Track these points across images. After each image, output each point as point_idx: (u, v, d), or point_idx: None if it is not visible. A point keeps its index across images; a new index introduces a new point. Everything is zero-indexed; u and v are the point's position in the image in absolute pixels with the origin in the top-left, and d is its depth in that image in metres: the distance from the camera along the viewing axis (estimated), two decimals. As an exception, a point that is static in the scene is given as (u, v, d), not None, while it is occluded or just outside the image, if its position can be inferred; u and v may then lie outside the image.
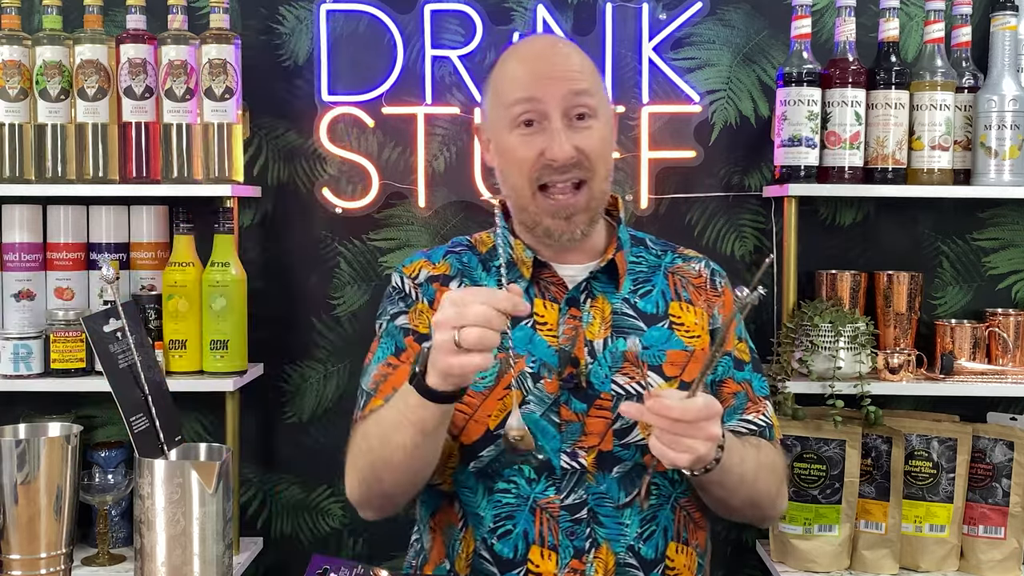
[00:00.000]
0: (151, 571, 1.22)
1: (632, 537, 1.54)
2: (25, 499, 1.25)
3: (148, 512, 1.21)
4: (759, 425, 1.62)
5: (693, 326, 1.61)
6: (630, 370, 1.56)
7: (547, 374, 1.54)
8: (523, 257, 1.60)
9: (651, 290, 1.63)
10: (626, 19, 2.51)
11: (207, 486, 1.21)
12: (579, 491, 1.53)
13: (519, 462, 1.53)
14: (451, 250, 1.69)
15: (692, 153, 2.51)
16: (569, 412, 1.53)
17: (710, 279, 1.68)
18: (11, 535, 1.26)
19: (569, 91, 1.52)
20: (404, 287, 1.66)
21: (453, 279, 1.64)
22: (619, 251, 1.62)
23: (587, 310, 1.59)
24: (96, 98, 2.35)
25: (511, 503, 1.54)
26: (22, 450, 1.25)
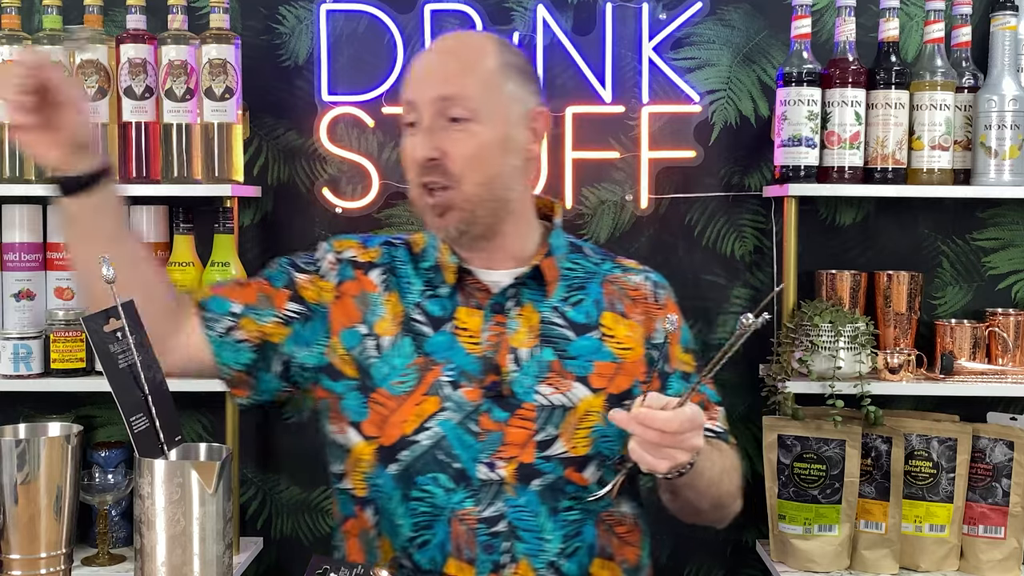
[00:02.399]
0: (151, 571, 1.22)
1: (554, 553, 1.50)
2: (25, 499, 1.25)
3: (148, 512, 1.21)
4: (716, 431, 1.60)
5: (625, 338, 1.57)
6: (555, 380, 1.52)
7: (466, 382, 1.51)
8: (448, 262, 1.57)
9: (583, 299, 1.59)
10: (626, 19, 2.51)
11: (207, 486, 1.21)
12: (497, 503, 1.49)
13: None
14: (389, 241, 1.66)
15: (692, 153, 2.51)
16: (489, 421, 1.50)
17: (652, 292, 1.64)
18: (11, 535, 1.26)
19: (439, 94, 1.49)
20: (322, 260, 1.63)
21: (377, 267, 1.61)
22: (548, 257, 1.58)
23: (513, 317, 1.55)
24: (96, 98, 2.35)
25: (428, 512, 1.50)
26: (22, 450, 1.25)
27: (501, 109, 1.53)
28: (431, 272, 1.59)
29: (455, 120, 1.49)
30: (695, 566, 2.61)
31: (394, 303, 1.58)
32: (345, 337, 1.57)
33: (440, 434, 1.49)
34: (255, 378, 1.59)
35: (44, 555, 1.27)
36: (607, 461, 1.53)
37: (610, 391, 1.54)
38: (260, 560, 2.57)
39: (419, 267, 1.61)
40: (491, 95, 1.52)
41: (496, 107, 1.52)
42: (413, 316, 1.56)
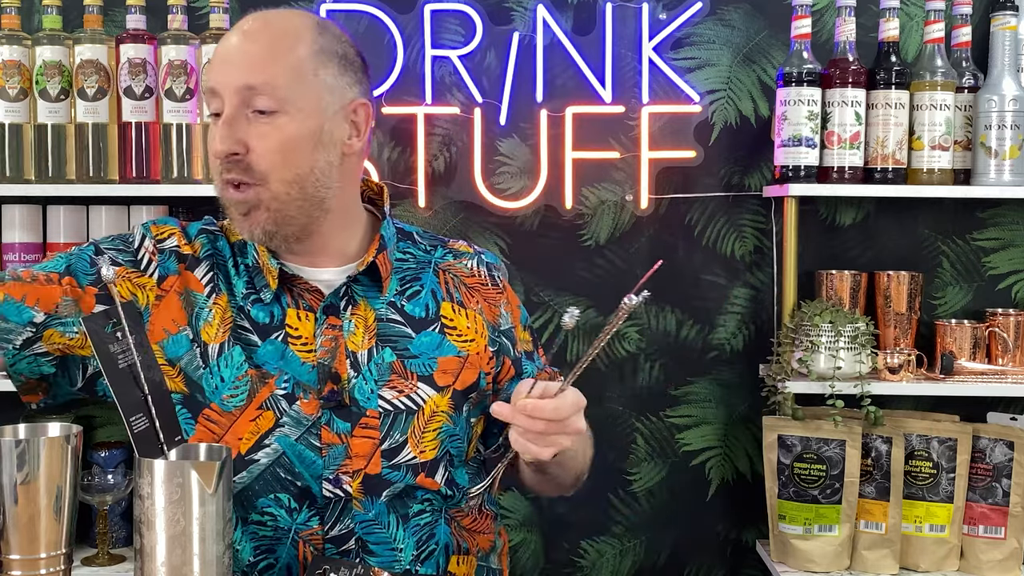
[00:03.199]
0: (151, 571, 1.22)
1: (408, 561, 1.43)
2: (25, 499, 1.25)
3: (148, 512, 1.21)
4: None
5: (466, 330, 1.48)
6: (398, 382, 1.43)
7: (302, 394, 1.40)
8: (268, 265, 1.43)
9: (420, 291, 1.49)
10: (626, 19, 2.51)
11: (207, 486, 1.21)
12: (345, 520, 1.40)
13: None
14: (206, 228, 1.51)
15: (692, 153, 2.51)
16: (331, 434, 1.40)
17: (488, 275, 1.55)
18: (11, 535, 1.26)
19: (242, 83, 1.36)
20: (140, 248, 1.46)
21: (202, 262, 1.46)
22: (382, 251, 1.47)
23: (348, 318, 1.43)
24: (96, 98, 2.35)
25: (269, 536, 1.41)
26: (22, 450, 1.25)
27: (313, 100, 1.39)
28: (253, 271, 1.45)
29: (261, 112, 1.36)
30: (695, 566, 2.61)
31: (222, 307, 1.44)
32: (169, 346, 1.43)
33: (279, 451, 1.39)
34: (51, 385, 1.46)
35: (44, 555, 1.27)
36: (455, 460, 1.47)
37: (456, 387, 1.46)
38: (260, 560, 2.56)
39: (240, 264, 1.47)
40: (301, 85, 1.38)
41: (307, 98, 1.38)
42: (240, 323, 1.43)
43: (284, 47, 1.38)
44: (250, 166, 1.37)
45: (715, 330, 2.57)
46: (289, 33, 1.40)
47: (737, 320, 2.58)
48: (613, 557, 2.60)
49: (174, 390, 1.42)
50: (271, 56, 1.37)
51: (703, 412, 2.59)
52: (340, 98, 1.42)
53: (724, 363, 2.58)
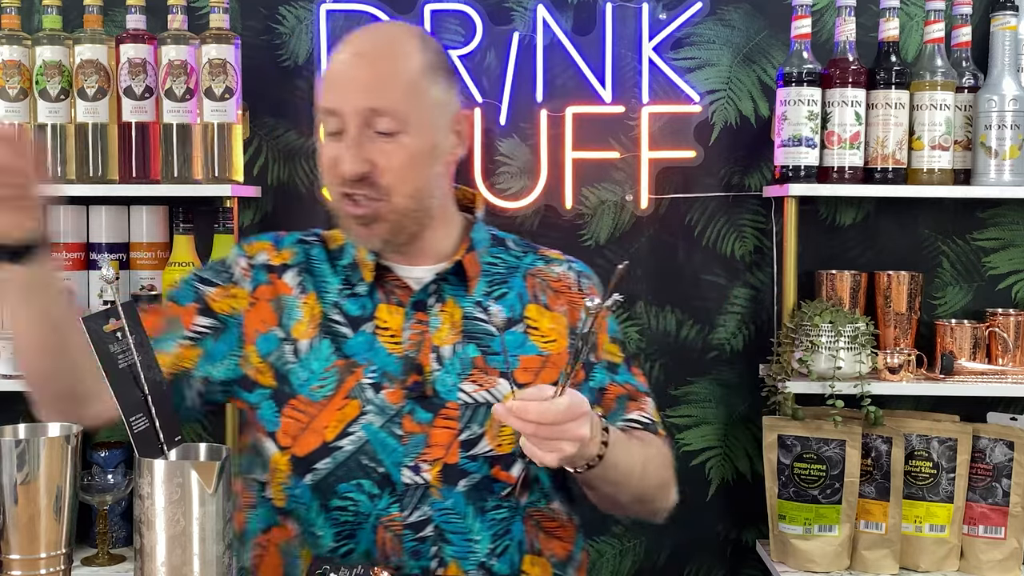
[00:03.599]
0: (151, 571, 1.22)
1: (483, 554, 1.46)
2: (25, 499, 1.25)
3: (148, 512, 1.21)
4: (642, 422, 1.56)
5: (549, 331, 1.53)
6: (478, 377, 1.47)
7: (388, 383, 1.46)
8: (365, 260, 1.51)
9: (507, 293, 1.54)
10: (626, 19, 2.51)
11: (207, 486, 1.21)
12: (423, 508, 1.44)
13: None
14: (303, 239, 1.60)
15: (692, 153, 2.51)
16: (412, 423, 1.45)
17: (576, 281, 1.59)
18: (11, 535, 1.26)
19: (366, 107, 1.42)
20: (234, 267, 1.56)
21: (291, 268, 1.54)
22: (470, 252, 1.53)
23: (435, 314, 1.50)
24: (96, 98, 2.35)
25: (351, 520, 1.45)
26: (22, 450, 1.25)
27: (428, 117, 1.46)
28: (349, 270, 1.53)
29: (382, 132, 1.43)
30: (695, 566, 2.61)
31: (311, 304, 1.51)
32: (261, 343, 1.51)
33: (363, 439, 1.44)
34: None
35: (44, 555, 1.27)
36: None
37: (536, 385, 1.47)
38: (260, 560, 2.56)
39: (336, 265, 1.55)
40: (419, 104, 1.44)
41: (424, 116, 1.45)
42: (331, 317, 1.50)
43: (402, 68, 1.45)
44: (375, 183, 1.43)
45: (715, 330, 2.57)
46: (404, 53, 1.46)
47: (737, 320, 2.58)
48: (613, 557, 2.60)
49: (264, 385, 1.49)
50: (391, 78, 1.43)
51: (703, 412, 2.59)
52: (448, 111, 1.50)
53: (724, 363, 2.58)
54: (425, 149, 1.45)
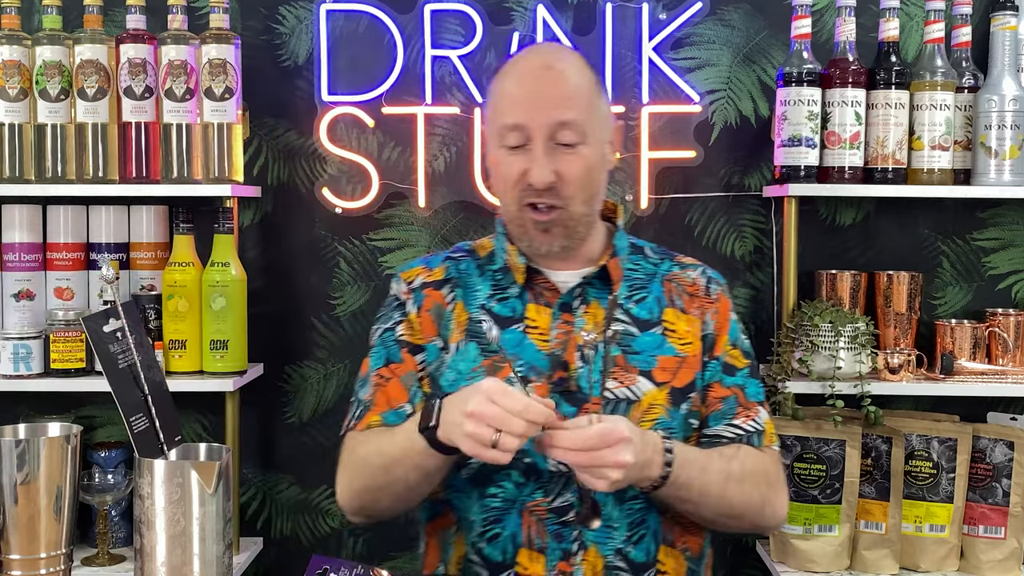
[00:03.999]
0: (151, 571, 1.22)
1: (621, 540, 1.55)
2: (25, 499, 1.25)
3: (148, 512, 1.21)
4: (745, 431, 1.62)
5: (685, 334, 1.63)
6: (620, 374, 1.57)
7: (535, 377, 1.56)
8: (516, 263, 1.63)
9: (646, 296, 1.65)
10: (626, 19, 2.51)
11: (207, 486, 1.21)
12: (566, 494, 1.54)
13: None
14: (451, 255, 1.72)
15: (692, 153, 2.51)
16: (558, 415, 1.52)
17: (705, 287, 1.69)
18: (11, 535, 1.26)
19: (556, 121, 1.53)
20: (400, 295, 1.69)
21: (445, 284, 1.66)
22: (613, 257, 1.64)
23: (580, 315, 1.60)
24: (96, 98, 2.35)
25: (499, 506, 1.56)
26: (22, 450, 1.25)
27: (600, 129, 1.59)
28: (499, 274, 1.65)
29: (564, 144, 1.54)
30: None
31: (459, 312, 1.63)
32: (427, 356, 1.63)
33: None
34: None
35: (44, 555, 1.28)
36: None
37: (673, 384, 1.59)
38: (260, 560, 2.57)
39: (486, 271, 1.67)
40: (593, 118, 1.57)
41: (596, 128, 1.58)
42: (478, 319, 1.61)
43: (583, 87, 1.58)
44: (558, 192, 1.55)
45: (715, 330, 2.57)
46: (580, 70, 1.59)
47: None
48: (613, 557, 2.60)
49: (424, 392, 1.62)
50: (576, 93, 1.56)
51: (703, 412, 2.59)
52: (609, 122, 1.63)
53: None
54: (597, 159, 1.58)
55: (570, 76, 1.57)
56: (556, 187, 1.54)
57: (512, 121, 1.55)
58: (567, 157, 1.54)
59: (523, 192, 1.55)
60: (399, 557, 2.59)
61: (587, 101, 1.57)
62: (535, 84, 1.56)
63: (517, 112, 1.55)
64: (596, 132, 1.57)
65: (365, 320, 2.56)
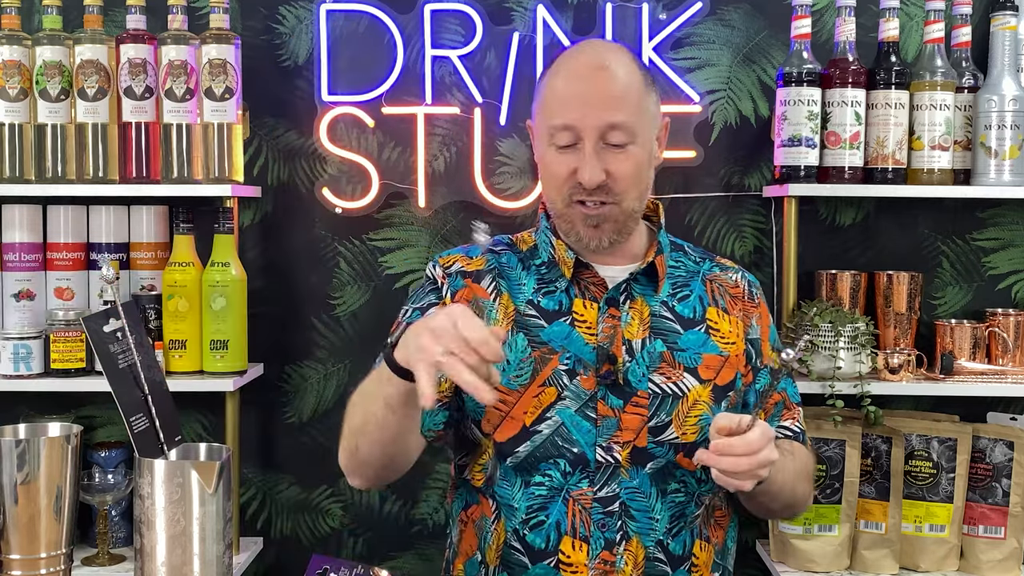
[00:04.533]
0: (151, 571, 1.22)
1: (662, 532, 1.58)
2: (25, 499, 1.25)
3: (148, 512, 1.21)
4: (794, 431, 1.70)
5: (728, 333, 1.66)
6: (667, 370, 1.59)
7: (583, 370, 1.58)
8: (565, 257, 1.64)
9: (689, 295, 1.67)
10: (626, 19, 2.51)
11: (207, 486, 1.21)
12: (612, 485, 1.57)
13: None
14: (491, 248, 1.72)
15: (692, 153, 2.51)
16: (605, 408, 1.57)
17: (747, 291, 1.72)
18: (11, 535, 1.26)
19: (606, 123, 1.54)
20: (436, 278, 1.69)
21: (487, 274, 1.66)
22: (659, 255, 1.66)
23: (626, 311, 1.62)
24: (96, 98, 2.35)
25: (544, 495, 1.58)
26: (22, 450, 1.25)
27: (648, 128, 1.60)
28: (544, 268, 1.66)
29: (615, 144, 1.55)
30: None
31: (505, 304, 1.63)
32: None
33: (559, 422, 1.56)
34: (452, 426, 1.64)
35: (44, 555, 1.28)
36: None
37: (716, 382, 1.62)
38: (260, 560, 2.57)
39: (530, 265, 1.67)
40: (643, 117, 1.58)
41: (645, 127, 1.59)
42: (526, 312, 1.62)
43: (633, 86, 1.58)
44: (610, 190, 1.56)
45: (715, 330, 2.57)
46: (631, 70, 1.59)
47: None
48: (613, 557, 2.60)
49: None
50: (625, 95, 1.57)
51: (703, 412, 2.59)
52: (657, 120, 1.64)
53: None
54: (646, 158, 1.60)
55: (621, 76, 1.57)
56: (607, 185, 1.56)
57: (562, 122, 1.56)
58: (617, 156, 1.56)
59: (572, 190, 1.57)
60: (399, 557, 2.59)
61: (637, 101, 1.58)
62: (586, 85, 1.56)
63: (568, 113, 1.55)
64: (645, 131, 1.59)
65: (365, 320, 2.56)
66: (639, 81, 1.60)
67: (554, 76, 1.61)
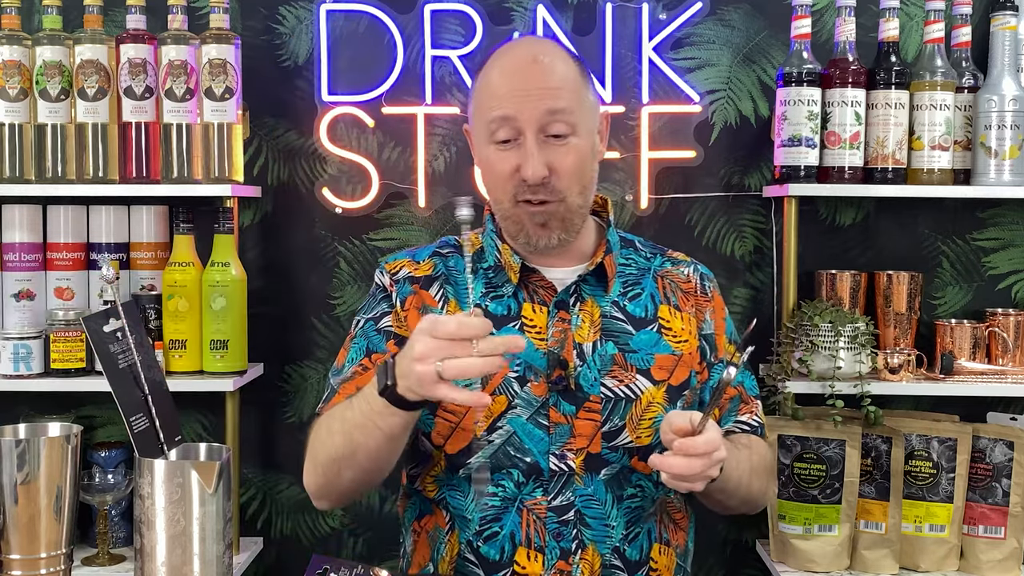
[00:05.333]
0: (151, 571, 1.22)
1: (618, 539, 1.56)
2: (25, 499, 1.25)
3: (148, 512, 1.21)
4: (752, 425, 1.67)
5: (681, 331, 1.62)
6: (619, 373, 1.56)
7: (533, 377, 1.54)
8: (511, 262, 1.60)
9: (640, 293, 1.63)
10: (626, 19, 2.51)
11: (207, 486, 1.21)
12: (566, 493, 1.54)
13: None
14: (438, 250, 1.68)
15: (692, 153, 2.51)
16: (558, 414, 1.54)
17: (700, 284, 1.69)
18: (11, 535, 1.26)
19: (545, 111, 1.50)
20: (384, 285, 1.66)
21: (435, 280, 1.63)
22: (608, 254, 1.62)
23: (576, 313, 1.59)
24: (96, 98, 2.35)
25: (497, 505, 1.55)
26: (22, 450, 1.25)
27: (588, 119, 1.56)
28: (491, 272, 1.62)
29: (555, 136, 1.51)
30: (695, 566, 2.60)
31: (452, 311, 1.60)
32: None
33: (510, 431, 1.54)
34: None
35: (44, 555, 1.28)
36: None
37: (670, 383, 1.59)
38: (260, 560, 2.57)
39: (477, 269, 1.63)
40: (583, 106, 1.55)
41: (586, 118, 1.55)
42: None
43: (570, 75, 1.55)
44: (554, 186, 1.52)
45: (715, 330, 2.57)
46: (566, 59, 1.56)
47: (737, 320, 2.58)
48: (613, 557, 2.60)
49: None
50: (563, 84, 1.53)
51: (703, 412, 2.59)
52: (597, 112, 1.60)
53: (724, 363, 2.58)
54: (588, 150, 1.56)
55: (557, 66, 1.54)
56: (550, 181, 1.51)
57: (500, 114, 1.51)
58: (559, 150, 1.52)
59: (517, 188, 1.53)
60: (399, 557, 2.59)
61: (575, 89, 1.54)
62: (522, 76, 1.52)
63: (505, 105, 1.51)
64: (586, 122, 1.55)
65: (365, 320, 2.56)
66: (575, 71, 1.56)
67: (489, 72, 1.57)
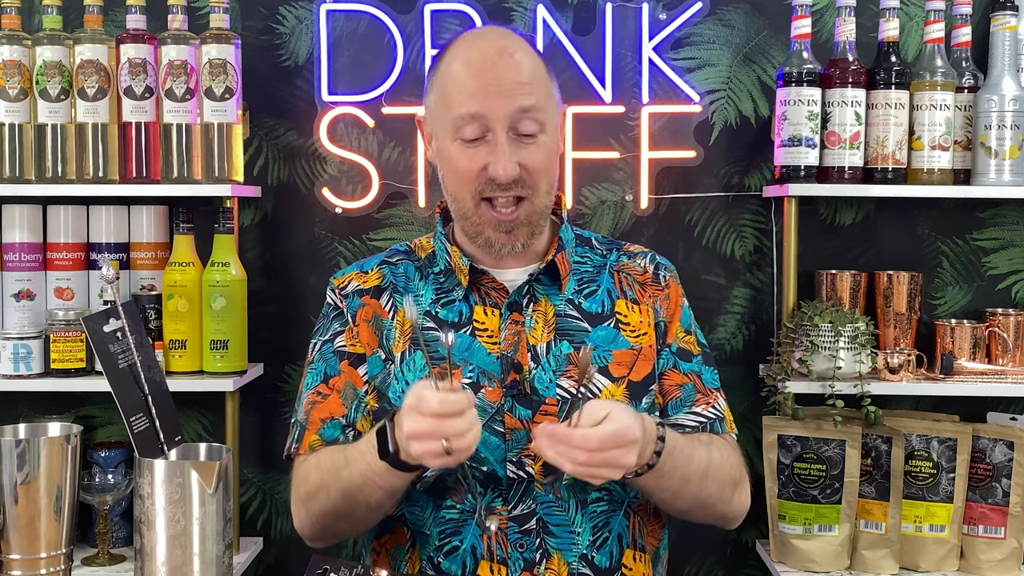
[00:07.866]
0: (151, 571, 1.22)
1: (585, 546, 1.50)
2: (25, 499, 1.25)
3: (148, 512, 1.21)
4: (708, 417, 1.58)
5: (639, 325, 1.58)
6: (575, 373, 1.51)
7: (487, 382, 1.50)
8: (460, 264, 1.55)
9: (596, 290, 1.59)
10: (626, 19, 2.51)
11: (207, 486, 1.21)
12: (527, 501, 1.49)
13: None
14: (386, 260, 1.64)
15: (692, 153, 2.51)
16: (514, 420, 1.49)
17: (654, 274, 1.63)
18: (11, 535, 1.26)
19: (517, 108, 1.45)
20: (335, 302, 1.62)
21: (384, 291, 1.60)
22: (560, 252, 1.57)
23: (529, 314, 1.54)
24: (96, 98, 2.35)
25: (455, 519, 1.50)
26: (22, 450, 1.25)
27: (555, 116, 1.52)
28: (442, 276, 1.58)
29: (524, 135, 1.47)
30: (695, 566, 2.61)
31: (401, 320, 1.56)
32: (370, 366, 1.57)
33: None
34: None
35: (44, 555, 1.28)
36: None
37: (631, 378, 1.54)
38: (260, 560, 2.57)
39: (428, 274, 1.59)
40: (550, 103, 1.51)
41: (553, 115, 1.51)
42: (425, 326, 1.54)
43: (539, 71, 1.50)
44: (523, 183, 1.47)
45: (715, 330, 2.57)
46: (534, 55, 1.51)
47: (737, 320, 2.58)
48: (613, 557, 2.60)
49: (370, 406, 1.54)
50: (533, 80, 1.48)
51: (703, 412, 2.59)
52: (559, 108, 1.55)
53: (724, 363, 2.58)
54: (554, 147, 1.52)
55: (526, 61, 1.48)
56: (522, 179, 1.46)
57: (469, 111, 1.45)
58: (528, 148, 1.47)
59: (483, 186, 1.47)
60: (399, 557, 2.59)
61: (544, 86, 1.49)
62: (491, 71, 1.45)
63: (474, 102, 1.44)
64: (553, 119, 1.51)
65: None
66: (542, 65, 1.51)
67: (453, 64, 1.49)
